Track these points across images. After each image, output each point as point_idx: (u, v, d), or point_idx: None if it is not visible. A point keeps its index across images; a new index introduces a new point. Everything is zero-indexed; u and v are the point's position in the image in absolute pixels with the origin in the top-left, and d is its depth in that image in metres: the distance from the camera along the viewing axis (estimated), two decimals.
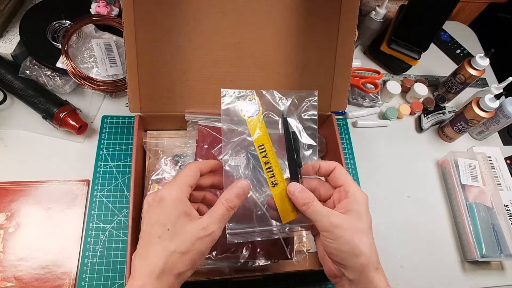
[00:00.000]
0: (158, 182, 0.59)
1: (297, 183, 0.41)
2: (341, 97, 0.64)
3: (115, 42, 0.69)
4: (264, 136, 0.43)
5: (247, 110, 0.44)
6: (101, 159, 0.65)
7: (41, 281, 0.53)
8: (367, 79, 0.78)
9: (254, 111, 0.44)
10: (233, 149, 0.59)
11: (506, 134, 0.85)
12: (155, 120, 0.62)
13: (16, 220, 0.57)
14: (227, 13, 0.56)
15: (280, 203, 0.42)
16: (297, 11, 0.57)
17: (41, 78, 0.65)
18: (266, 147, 0.43)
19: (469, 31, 1.04)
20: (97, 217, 0.60)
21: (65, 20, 0.67)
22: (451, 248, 0.68)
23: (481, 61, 0.75)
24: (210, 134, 0.60)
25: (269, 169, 0.43)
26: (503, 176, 0.76)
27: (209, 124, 0.61)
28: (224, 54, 0.58)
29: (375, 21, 0.83)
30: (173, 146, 0.63)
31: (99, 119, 0.69)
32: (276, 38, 0.58)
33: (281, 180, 0.42)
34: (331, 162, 0.43)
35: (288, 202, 0.41)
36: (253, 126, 0.44)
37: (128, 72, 0.55)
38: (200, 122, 0.61)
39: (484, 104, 0.70)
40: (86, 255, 0.56)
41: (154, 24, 0.54)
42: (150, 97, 0.58)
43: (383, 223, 0.68)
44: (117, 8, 0.72)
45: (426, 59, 0.88)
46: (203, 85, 0.59)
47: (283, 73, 0.60)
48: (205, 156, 0.58)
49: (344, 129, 0.78)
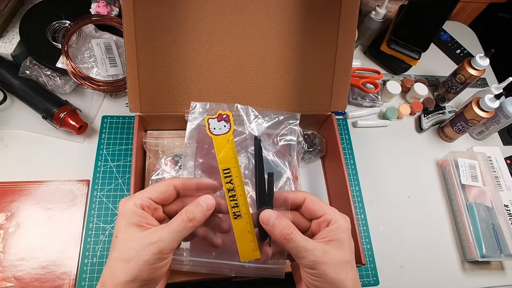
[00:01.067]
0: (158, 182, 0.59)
1: (272, 210, 0.36)
2: (341, 97, 0.64)
3: (115, 42, 0.69)
4: (231, 159, 0.37)
5: (214, 127, 0.38)
6: (101, 159, 0.65)
7: (41, 281, 0.53)
8: (367, 79, 0.78)
9: (223, 129, 0.38)
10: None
11: (506, 134, 0.85)
12: (155, 120, 0.62)
13: (16, 220, 0.57)
14: (227, 13, 0.56)
15: (241, 239, 0.37)
16: (297, 11, 0.57)
17: (41, 78, 0.65)
18: (232, 172, 0.37)
19: (469, 31, 1.04)
20: (97, 217, 0.60)
21: (65, 20, 0.67)
22: (451, 248, 0.68)
23: (481, 61, 0.75)
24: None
25: (232, 197, 0.37)
26: (503, 176, 0.76)
27: None
28: (224, 54, 0.58)
29: (375, 21, 0.83)
30: (173, 146, 0.63)
31: (99, 119, 0.69)
32: (276, 38, 0.58)
33: (245, 212, 0.37)
34: (299, 192, 0.39)
35: (251, 238, 0.37)
36: (219, 145, 0.38)
37: (128, 72, 0.55)
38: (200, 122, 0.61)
39: (484, 104, 0.70)
40: (86, 255, 0.56)
41: (154, 24, 0.54)
42: (150, 97, 0.58)
43: (383, 223, 0.68)
44: (117, 8, 0.72)
45: (426, 59, 0.88)
46: (203, 85, 0.59)
47: (283, 73, 0.60)
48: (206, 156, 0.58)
49: (344, 129, 0.78)
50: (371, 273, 0.64)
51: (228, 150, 0.37)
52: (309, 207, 0.38)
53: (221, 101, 0.60)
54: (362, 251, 0.55)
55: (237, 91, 0.60)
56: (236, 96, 0.60)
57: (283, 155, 0.60)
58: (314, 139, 0.68)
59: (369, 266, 0.64)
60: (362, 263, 0.53)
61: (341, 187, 0.61)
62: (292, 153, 0.62)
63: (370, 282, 0.63)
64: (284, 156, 0.60)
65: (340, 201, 0.63)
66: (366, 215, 0.69)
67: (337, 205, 0.65)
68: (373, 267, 0.64)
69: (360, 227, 0.67)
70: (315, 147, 0.67)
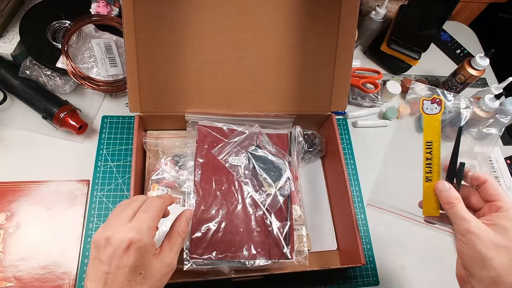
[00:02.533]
0: (158, 182, 0.59)
1: (446, 182, 0.41)
2: (341, 97, 0.64)
3: (115, 42, 0.69)
4: (435, 135, 0.46)
5: (427, 107, 0.47)
6: (101, 159, 0.65)
7: (41, 281, 0.53)
8: (367, 79, 0.78)
9: (434, 110, 0.47)
10: (233, 149, 0.59)
11: (506, 134, 0.85)
12: (155, 120, 0.62)
13: (16, 220, 0.57)
14: (227, 13, 0.56)
15: (427, 197, 0.44)
16: (297, 11, 0.57)
17: (41, 78, 0.65)
18: (433, 146, 0.46)
19: (469, 31, 1.04)
20: (97, 217, 0.60)
21: (65, 20, 0.67)
22: (451, 248, 0.68)
23: (481, 61, 0.75)
24: (210, 134, 0.60)
25: (428, 165, 0.45)
26: (503, 176, 0.76)
27: (209, 124, 0.61)
28: (224, 53, 0.58)
29: (375, 21, 0.83)
30: (173, 146, 0.63)
31: (99, 119, 0.69)
32: (276, 38, 0.58)
33: (436, 178, 0.44)
34: (483, 174, 0.42)
35: (435, 199, 0.43)
36: (428, 122, 0.47)
37: (128, 72, 0.55)
38: (200, 122, 0.61)
39: (484, 104, 0.70)
40: (86, 255, 0.56)
41: (154, 24, 0.54)
42: (150, 97, 0.58)
43: (382, 223, 0.68)
44: (117, 8, 0.72)
45: (426, 59, 0.88)
46: (203, 85, 0.59)
47: (283, 73, 0.60)
48: (206, 156, 0.58)
49: (344, 129, 0.78)
50: (371, 273, 0.63)
51: (435, 127, 0.46)
52: (487, 189, 0.40)
53: (221, 100, 0.60)
54: (362, 251, 0.55)
55: (237, 91, 0.60)
56: (236, 96, 0.61)
57: (283, 156, 0.61)
58: (314, 139, 0.68)
59: (369, 266, 0.64)
60: (362, 263, 0.54)
61: (341, 187, 0.61)
62: (292, 153, 0.63)
63: (370, 282, 0.63)
64: (284, 156, 0.61)
65: (340, 201, 0.63)
66: (366, 215, 0.69)
67: (337, 205, 0.65)
68: (373, 267, 0.64)
69: (360, 227, 0.67)
70: (315, 147, 0.67)
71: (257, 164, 0.59)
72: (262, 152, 0.60)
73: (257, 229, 0.55)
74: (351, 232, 0.57)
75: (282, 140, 0.64)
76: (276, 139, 0.63)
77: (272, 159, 0.60)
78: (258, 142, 0.60)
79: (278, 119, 0.63)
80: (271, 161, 0.59)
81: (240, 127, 0.61)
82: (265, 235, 0.55)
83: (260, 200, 0.57)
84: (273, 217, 0.56)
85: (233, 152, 0.59)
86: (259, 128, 0.61)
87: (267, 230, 0.55)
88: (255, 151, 0.60)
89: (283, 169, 0.59)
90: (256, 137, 0.61)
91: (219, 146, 0.59)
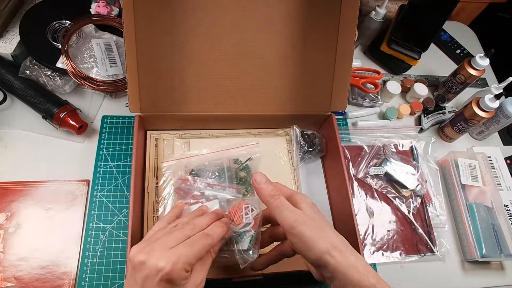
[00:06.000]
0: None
1: (264, 174, 0.40)
2: (341, 97, 0.64)
3: (115, 42, 0.69)
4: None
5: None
6: (101, 159, 0.65)
7: (41, 281, 0.53)
8: (367, 79, 0.78)
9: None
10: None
11: (506, 134, 0.85)
12: (155, 120, 0.62)
13: (16, 220, 0.57)
14: (227, 13, 0.56)
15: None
16: (297, 11, 0.57)
17: (41, 78, 0.65)
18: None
19: (469, 31, 1.04)
20: (97, 217, 0.60)
21: (65, 20, 0.67)
22: (451, 248, 0.68)
23: (481, 61, 0.75)
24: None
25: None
26: (503, 176, 0.76)
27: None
28: (224, 54, 0.58)
29: (375, 21, 0.83)
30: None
31: (99, 119, 0.69)
32: (276, 38, 0.58)
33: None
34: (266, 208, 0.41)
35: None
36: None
37: (128, 72, 0.55)
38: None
39: (484, 104, 0.70)
40: (86, 255, 0.56)
41: (154, 24, 0.54)
42: (150, 97, 0.58)
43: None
44: (117, 8, 0.72)
45: (426, 59, 0.88)
46: (203, 85, 0.59)
47: (283, 73, 0.60)
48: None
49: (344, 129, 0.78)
50: None
51: None
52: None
53: (221, 101, 0.60)
54: (362, 251, 0.55)
55: (237, 91, 0.60)
56: (236, 96, 0.60)
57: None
58: (314, 139, 0.68)
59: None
60: None
61: (341, 187, 0.61)
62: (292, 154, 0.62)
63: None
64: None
65: (340, 201, 0.63)
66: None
67: (337, 205, 0.65)
68: (373, 267, 0.64)
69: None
70: (315, 147, 0.67)
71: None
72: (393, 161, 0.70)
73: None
74: (351, 232, 0.57)
75: (405, 153, 0.72)
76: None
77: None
78: (385, 155, 0.71)
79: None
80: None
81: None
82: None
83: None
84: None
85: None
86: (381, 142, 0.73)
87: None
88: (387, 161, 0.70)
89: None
90: (383, 149, 0.72)
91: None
